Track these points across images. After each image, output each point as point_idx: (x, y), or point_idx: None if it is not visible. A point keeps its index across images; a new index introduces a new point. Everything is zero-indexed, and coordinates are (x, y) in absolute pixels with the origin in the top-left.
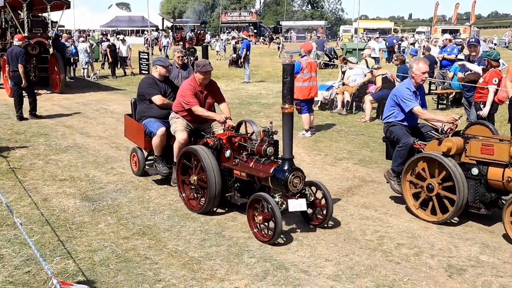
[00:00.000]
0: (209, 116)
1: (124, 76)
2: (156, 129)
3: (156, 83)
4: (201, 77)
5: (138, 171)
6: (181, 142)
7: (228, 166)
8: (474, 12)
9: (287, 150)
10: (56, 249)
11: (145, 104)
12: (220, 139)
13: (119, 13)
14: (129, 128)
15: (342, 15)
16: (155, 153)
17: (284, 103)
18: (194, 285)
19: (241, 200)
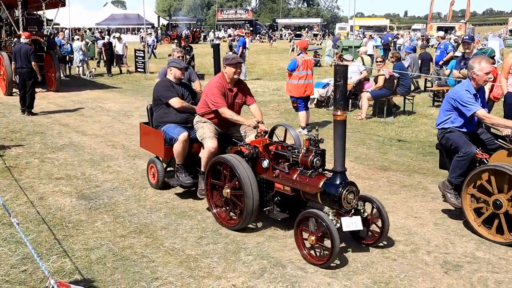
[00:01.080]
0: (237, 121)
1: (120, 74)
2: (177, 134)
3: (172, 85)
4: (231, 71)
5: (158, 184)
6: (211, 151)
7: (267, 178)
8: (469, 9)
9: (339, 162)
10: (52, 248)
11: (162, 109)
12: (256, 147)
13: (114, 11)
14: (146, 137)
15: (337, 12)
16: (177, 161)
17: (336, 109)
18: (191, 283)
19: (281, 215)
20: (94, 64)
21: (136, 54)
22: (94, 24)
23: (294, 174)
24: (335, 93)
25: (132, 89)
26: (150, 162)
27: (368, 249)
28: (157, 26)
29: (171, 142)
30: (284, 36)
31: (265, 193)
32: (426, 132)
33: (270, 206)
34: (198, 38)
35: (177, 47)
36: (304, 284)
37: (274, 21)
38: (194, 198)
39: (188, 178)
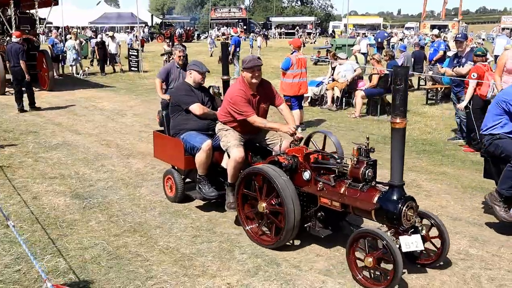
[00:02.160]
0: (272, 128)
1: (114, 73)
2: (200, 143)
3: (192, 90)
4: (249, 76)
5: (176, 197)
6: (238, 161)
7: (309, 191)
8: (462, 8)
9: (397, 174)
10: (46, 247)
11: (180, 115)
12: (296, 157)
13: (107, 10)
14: (162, 147)
15: (331, 11)
16: (200, 172)
17: (395, 116)
18: (185, 281)
19: (325, 232)
20: (87, 63)
21: (130, 53)
22: (87, 23)
23: (341, 187)
24: (394, 98)
25: (125, 88)
26: (166, 173)
27: None
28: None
29: (192, 152)
30: (274, 35)
31: (307, 208)
32: (419, 130)
33: (311, 222)
34: (191, 37)
35: (179, 45)
36: (298, 282)
37: (268, 20)
38: (189, 197)
39: (212, 190)
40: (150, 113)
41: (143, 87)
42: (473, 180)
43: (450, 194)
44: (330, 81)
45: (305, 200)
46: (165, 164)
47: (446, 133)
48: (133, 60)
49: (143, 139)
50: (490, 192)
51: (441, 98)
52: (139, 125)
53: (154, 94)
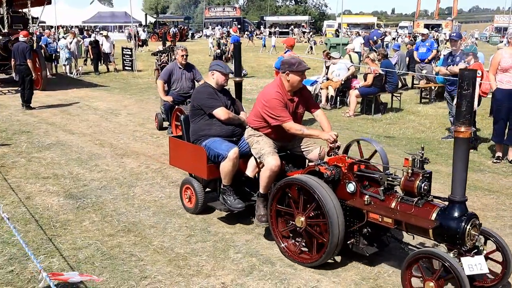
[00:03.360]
0: (311, 136)
1: (107, 73)
2: (226, 150)
3: (216, 93)
4: (296, 80)
5: (196, 208)
6: (274, 170)
7: (355, 205)
8: (455, 7)
9: (459, 188)
10: (40, 248)
11: (203, 120)
12: (338, 168)
13: (101, 9)
14: (180, 154)
15: (325, 10)
16: (225, 182)
17: (459, 124)
18: (180, 281)
19: (370, 250)
20: (81, 63)
21: (124, 52)
22: (80, 22)
23: (392, 201)
24: (459, 104)
25: (119, 88)
26: (184, 182)
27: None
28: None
29: (216, 160)
30: (265, 34)
31: (351, 223)
32: (413, 129)
33: (354, 239)
34: (186, 36)
35: (181, 46)
36: (293, 281)
37: (262, 19)
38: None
39: (239, 201)
40: (144, 112)
41: (137, 86)
42: (467, 179)
43: (444, 192)
44: (325, 80)
45: (348, 215)
46: (161, 165)
47: (440, 132)
48: (127, 59)
49: (137, 139)
50: None
51: (434, 97)
52: (133, 124)
53: (148, 94)
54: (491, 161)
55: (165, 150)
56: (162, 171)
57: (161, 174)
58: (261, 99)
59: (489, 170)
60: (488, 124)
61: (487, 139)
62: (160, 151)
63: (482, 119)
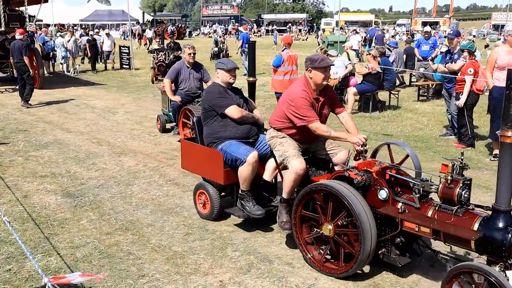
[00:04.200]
0: (338, 138)
1: (105, 71)
2: (245, 154)
3: (226, 91)
4: (320, 77)
5: (212, 214)
6: (299, 173)
7: (388, 213)
8: (453, 4)
9: (505, 197)
10: (37, 246)
11: (216, 121)
12: (369, 173)
13: (98, 7)
14: (194, 158)
15: (323, 8)
16: (243, 187)
17: (506, 128)
18: (178, 279)
19: (403, 261)
20: (78, 61)
21: (121, 50)
22: (78, 20)
23: (428, 210)
24: (506, 107)
25: (117, 86)
26: (198, 187)
27: None
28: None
29: (233, 164)
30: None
31: (382, 232)
32: (411, 126)
33: (385, 248)
34: (183, 34)
35: (188, 44)
36: (291, 279)
37: (260, 17)
38: (180, 195)
39: (258, 207)
40: (142, 111)
41: (135, 84)
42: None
43: None
44: None
45: (379, 223)
46: (159, 163)
47: (438, 130)
48: (125, 57)
49: (135, 137)
50: None
51: (432, 94)
52: (131, 123)
53: (146, 92)
54: (488, 159)
55: (162, 149)
56: (160, 170)
57: (158, 172)
58: (286, 98)
59: (487, 168)
60: (486, 122)
61: (484, 137)
62: (158, 149)
63: (479, 116)
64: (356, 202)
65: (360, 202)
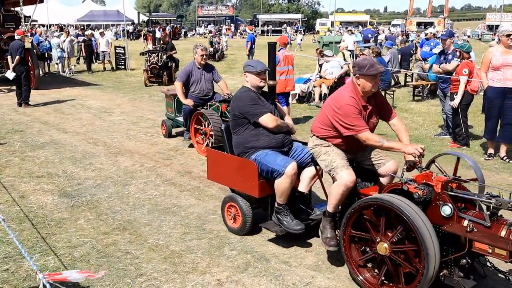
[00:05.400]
0: (392, 148)
1: (100, 71)
2: (283, 166)
3: (258, 97)
4: (369, 85)
5: (243, 229)
6: (348, 186)
7: (454, 231)
8: (447, 5)
9: None
10: (35, 246)
11: (248, 130)
12: (430, 186)
13: (93, 7)
14: (222, 168)
15: (318, 8)
16: (280, 201)
17: None
18: (175, 278)
19: (468, 284)
20: (73, 61)
21: (117, 50)
22: (73, 21)
23: (501, 229)
24: None
25: (112, 86)
26: (227, 200)
27: None
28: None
29: (269, 176)
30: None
31: (445, 252)
32: (406, 126)
33: (447, 270)
34: (178, 34)
35: (200, 44)
36: (288, 277)
37: (255, 17)
38: (177, 194)
39: (297, 222)
40: (138, 111)
41: (130, 85)
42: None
43: None
44: (318, 78)
45: (442, 242)
46: (155, 163)
47: (433, 129)
48: (120, 58)
49: (131, 137)
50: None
51: (427, 94)
52: (127, 123)
53: (141, 92)
54: (483, 158)
55: (159, 149)
56: (156, 169)
57: (155, 172)
58: (331, 105)
59: (482, 167)
60: (480, 122)
61: (479, 136)
62: (154, 149)
63: (474, 116)
64: (418, 220)
65: (422, 220)
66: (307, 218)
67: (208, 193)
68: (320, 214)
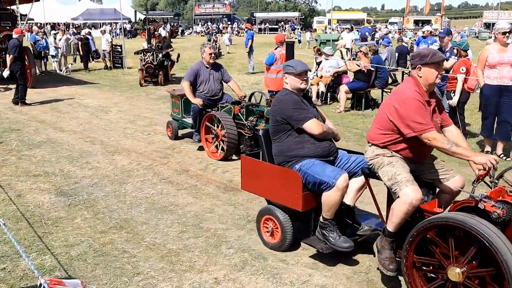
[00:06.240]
0: (459, 155)
1: (97, 70)
2: (333, 177)
3: (302, 101)
4: (433, 75)
5: (283, 244)
6: (414, 205)
7: None
8: (444, 3)
9: None
10: (32, 245)
11: (290, 137)
12: (509, 204)
13: (90, 6)
14: (259, 178)
15: (315, 6)
16: (327, 215)
17: None
18: (173, 277)
19: None
20: (70, 60)
21: (113, 48)
22: (69, 19)
23: None
24: None
25: (109, 85)
26: (264, 213)
27: None
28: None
29: (315, 188)
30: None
31: None
32: None
33: None
34: (176, 33)
35: (208, 43)
36: (285, 275)
37: (252, 15)
38: (174, 193)
39: (345, 239)
40: (135, 109)
41: (127, 83)
42: (457, 172)
43: None
44: (315, 76)
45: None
46: (152, 162)
47: None
48: (117, 56)
49: (128, 136)
50: None
51: None
52: (124, 121)
53: (138, 91)
54: None
55: (156, 147)
56: (154, 168)
57: (152, 171)
58: (392, 104)
59: None
60: (477, 119)
61: (476, 134)
62: (151, 148)
63: (471, 114)
64: (500, 244)
65: (504, 243)
66: (354, 234)
67: (205, 191)
68: (368, 230)
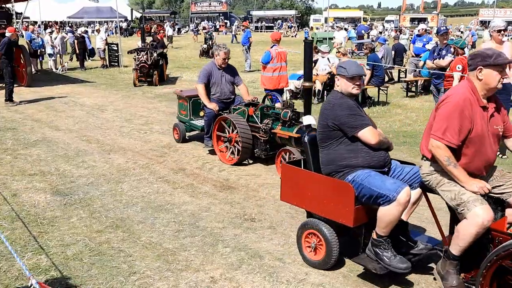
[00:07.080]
0: (453, 175)
1: (93, 69)
2: (394, 190)
3: (358, 106)
4: (496, 78)
5: (328, 262)
6: (484, 226)
7: None
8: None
9: None
10: (27, 245)
11: (343, 144)
12: None
13: (86, 4)
14: (303, 189)
15: (312, 4)
16: (382, 232)
17: None
18: (169, 276)
19: None
20: (66, 58)
21: (110, 47)
22: (65, 18)
23: None
24: None
25: (105, 83)
26: (306, 227)
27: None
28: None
29: (371, 201)
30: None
31: None
32: (400, 122)
33: None
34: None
35: (225, 46)
36: (282, 274)
37: (249, 13)
38: (171, 192)
39: (401, 259)
40: (131, 108)
41: (123, 82)
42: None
43: None
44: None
45: None
46: (149, 160)
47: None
48: (113, 55)
49: (124, 135)
50: None
51: (421, 90)
52: (120, 120)
53: (134, 90)
54: None
55: (152, 146)
56: (150, 167)
57: (148, 169)
58: (447, 108)
59: None
60: None
61: None
62: (148, 146)
63: None
64: None
65: None
66: (409, 253)
67: (202, 190)
68: (424, 249)
